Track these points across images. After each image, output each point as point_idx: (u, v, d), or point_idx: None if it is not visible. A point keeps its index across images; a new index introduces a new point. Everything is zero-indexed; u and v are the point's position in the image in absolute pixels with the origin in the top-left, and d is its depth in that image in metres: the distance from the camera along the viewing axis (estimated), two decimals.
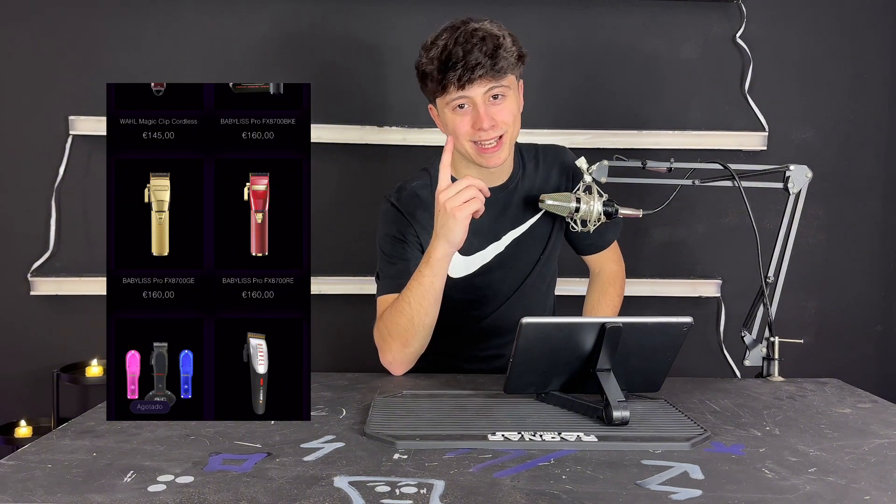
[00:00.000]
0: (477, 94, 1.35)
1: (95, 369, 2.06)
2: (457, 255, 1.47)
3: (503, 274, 1.51)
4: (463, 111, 1.37)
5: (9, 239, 2.16)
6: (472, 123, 1.37)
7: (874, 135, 2.24)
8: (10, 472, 0.89)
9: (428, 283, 1.33)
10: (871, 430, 1.11)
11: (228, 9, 2.14)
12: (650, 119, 2.20)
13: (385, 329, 1.38)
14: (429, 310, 1.35)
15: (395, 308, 1.37)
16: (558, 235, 1.57)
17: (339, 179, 2.18)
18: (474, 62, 1.32)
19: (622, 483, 0.88)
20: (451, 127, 1.40)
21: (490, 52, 1.33)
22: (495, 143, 1.39)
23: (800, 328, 2.21)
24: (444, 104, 1.39)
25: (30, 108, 2.13)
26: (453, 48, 1.33)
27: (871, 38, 2.22)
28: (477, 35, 1.33)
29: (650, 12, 2.19)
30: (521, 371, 1.16)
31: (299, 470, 0.91)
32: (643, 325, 1.14)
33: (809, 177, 1.50)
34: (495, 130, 1.38)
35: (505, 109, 1.38)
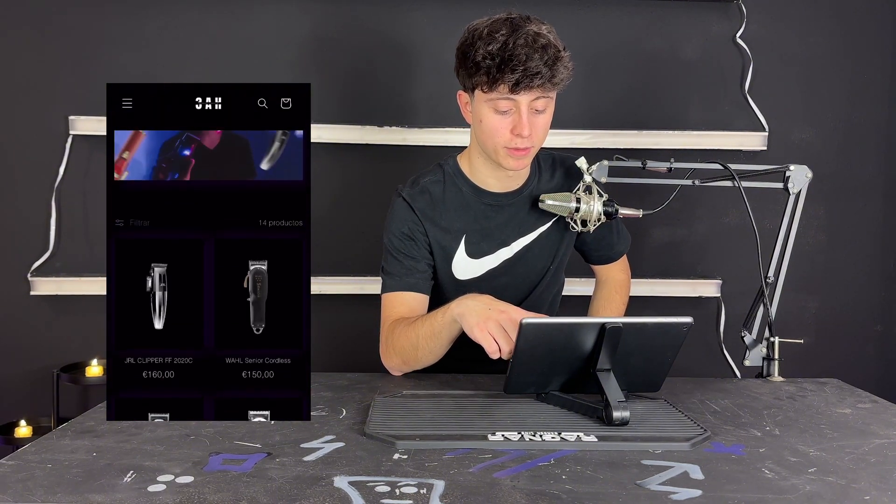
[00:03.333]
0: (525, 100, 1.31)
1: (95, 369, 2.06)
2: (465, 257, 1.47)
3: (510, 280, 1.50)
4: (504, 114, 1.33)
5: (9, 239, 2.15)
6: (511, 128, 1.33)
7: (874, 135, 2.24)
8: (10, 472, 0.89)
9: (439, 329, 1.30)
10: (871, 430, 1.11)
11: (228, 9, 2.14)
12: (650, 119, 2.20)
13: (391, 340, 1.38)
14: (434, 350, 1.33)
15: (405, 329, 1.35)
16: (568, 247, 1.56)
17: (339, 179, 2.18)
18: (535, 70, 1.27)
19: (622, 483, 0.88)
20: (487, 125, 1.35)
21: (550, 63, 1.28)
22: (524, 149, 1.36)
23: (800, 328, 2.21)
24: (486, 99, 1.33)
25: (30, 108, 2.13)
26: (514, 48, 1.26)
27: (871, 38, 2.22)
28: (539, 41, 1.28)
29: (650, 12, 2.19)
30: (521, 371, 1.16)
31: (299, 470, 0.91)
32: (643, 325, 1.14)
33: (809, 177, 1.50)
34: (531, 140, 1.34)
35: (543, 121, 1.36)
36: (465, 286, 1.47)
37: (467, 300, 1.27)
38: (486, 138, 1.37)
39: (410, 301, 1.43)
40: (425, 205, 1.46)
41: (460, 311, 1.25)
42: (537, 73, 1.27)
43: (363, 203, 2.17)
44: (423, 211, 1.46)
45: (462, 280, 1.48)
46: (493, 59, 1.28)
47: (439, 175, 1.49)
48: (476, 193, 1.48)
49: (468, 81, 1.36)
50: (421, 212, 1.46)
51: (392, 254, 1.45)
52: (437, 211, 1.46)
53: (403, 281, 1.42)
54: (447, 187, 1.48)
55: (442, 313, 1.29)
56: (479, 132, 1.38)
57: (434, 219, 1.46)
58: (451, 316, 1.27)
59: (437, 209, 1.46)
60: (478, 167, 1.46)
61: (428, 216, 1.46)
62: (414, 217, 1.45)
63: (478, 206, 1.47)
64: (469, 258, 1.47)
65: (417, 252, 1.45)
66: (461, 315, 1.25)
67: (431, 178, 1.49)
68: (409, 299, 1.43)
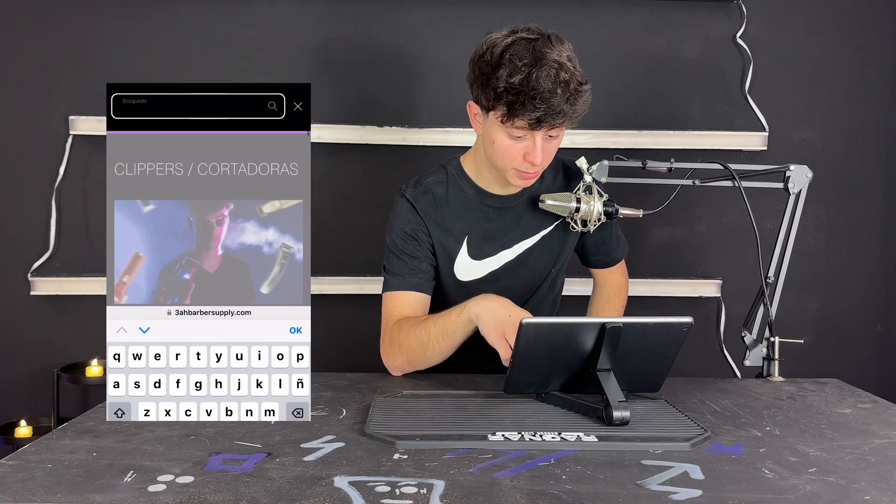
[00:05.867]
0: (541, 133, 1.30)
1: (95, 369, 2.06)
2: (467, 258, 1.47)
3: (512, 282, 1.50)
4: (518, 139, 1.32)
5: (9, 239, 2.15)
6: (524, 154, 1.32)
7: (874, 135, 2.23)
8: (10, 472, 0.89)
9: (453, 329, 1.30)
10: (871, 430, 1.11)
11: (228, 9, 2.14)
12: (650, 119, 2.20)
13: (396, 338, 1.37)
14: (444, 350, 1.33)
15: (414, 328, 1.35)
16: (570, 250, 1.56)
17: (339, 179, 2.18)
18: (557, 109, 1.25)
19: (622, 483, 0.88)
20: (499, 147, 1.34)
21: (572, 101, 1.27)
22: (533, 172, 1.37)
23: (800, 328, 2.21)
24: (500, 123, 1.31)
25: (30, 108, 2.13)
26: (537, 83, 1.23)
27: (871, 38, 2.22)
28: (561, 76, 1.25)
29: (650, 12, 2.19)
30: (521, 371, 1.16)
31: (299, 470, 0.91)
32: (643, 325, 1.14)
33: (809, 177, 1.50)
34: (542, 165, 1.35)
35: (555, 146, 1.36)
36: (467, 287, 1.47)
37: (486, 301, 1.26)
38: (496, 158, 1.37)
39: (413, 301, 1.43)
40: (428, 205, 1.46)
41: (478, 311, 1.25)
42: (559, 113, 1.26)
43: (363, 203, 2.17)
44: (426, 211, 1.46)
45: (464, 281, 1.48)
46: (515, 94, 1.25)
47: (442, 176, 1.50)
48: (479, 195, 1.48)
49: (485, 102, 1.32)
50: (424, 212, 1.46)
51: (395, 253, 1.45)
52: (439, 212, 1.46)
53: (406, 280, 1.42)
54: (450, 188, 1.48)
55: (458, 312, 1.29)
56: (491, 151, 1.37)
57: (437, 219, 1.46)
58: (468, 316, 1.27)
59: (440, 210, 1.46)
60: (483, 171, 1.47)
61: (431, 216, 1.46)
62: (417, 217, 1.45)
63: (480, 207, 1.48)
64: (471, 259, 1.47)
65: (420, 252, 1.45)
66: (479, 316, 1.25)
67: (434, 178, 1.49)
68: (412, 299, 1.43)
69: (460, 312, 1.28)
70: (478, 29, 1.49)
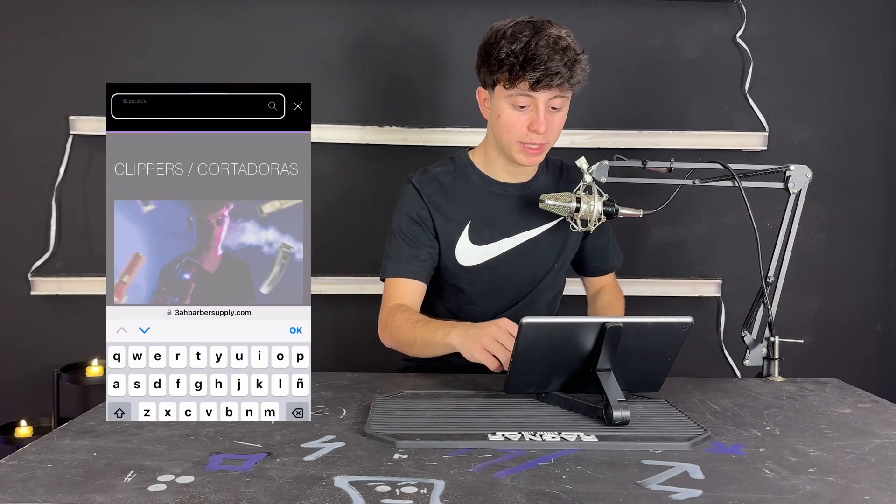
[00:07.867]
0: (543, 98, 1.38)
1: (95, 369, 2.06)
2: (468, 243, 1.51)
3: (513, 272, 1.53)
4: (522, 110, 1.40)
5: (9, 239, 2.15)
6: (528, 124, 1.40)
7: (874, 135, 2.23)
8: (10, 472, 0.89)
9: (435, 346, 1.34)
10: (871, 430, 1.11)
11: (228, 9, 2.14)
12: (650, 119, 2.20)
13: (389, 324, 1.44)
14: (427, 355, 1.40)
15: (406, 326, 1.40)
16: (573, 248, 1.59)
17: (339, 179, 2.18)
18: (555, 70, 1.34)
19: (622, 483, 0.88)
20: (505, 119, 1.42)
21: (569, 64, 1.36)
22: (538, 146, 1.43)
23: (800, 328, 2.21)
24: (505, 96, 1.40)
25: (30, 108, 2.13)
26: (536, 49, 1.34)
27: (871, 38, 2.22)
28: (560, 44, 1.36)
29: (650, 12, 2.19)
30: (521, 371, 1.16)
31: (299, 470, 0.91)
32: (643, 325, 1.14)
33: (809, 177, 1.50)
34: (545, 137, 1.42)
35: (559, 119, 1.43)
36: (469, 273, 1.51)
37: (461, 329, 1.29)
38: (502, 132, 1.43)
39: (409, 288, 1.49)
40: (433, 192, 1.51)
41: (459, 342, 1.28)
42: (557, 73, 1.35)
43: (363, 203, 2.17)
44: (431, 197, 1.51)
45: (466, 266, 1.51)
46: (515, 57, 1.35)
47: (450, 166, 1.56)
48: (484, 181, 1.53)
49: (489, 78, 1.43)
50: (428, 198, 1.51)
51: (398, 237, 1.50)
52: (444, 199, 1.51)
53: (404, 268, 1.48)
54: (457, 177, 1.54)
55: (442, 335, 1.32)
56: (497, 127, 1.44)
57: (440, 206, 1.50)
58: (450, 343, 1.30)
59: (445, 197, 1.51)
60: (491, 160, 1.52)
61: (434, 203, 1.50)
62: (421, 202, 1.50)
63: (485, 193, 1.52)
64: (472, 244, 1.51)
65: (423, 237, 1.49)
66: (460, 346, 1.28)
67: (442, 168, 1.55)
68: (408, 288, 1.49)
69: (444, 336, 1.31)
70: (478, 29, 1.49)
